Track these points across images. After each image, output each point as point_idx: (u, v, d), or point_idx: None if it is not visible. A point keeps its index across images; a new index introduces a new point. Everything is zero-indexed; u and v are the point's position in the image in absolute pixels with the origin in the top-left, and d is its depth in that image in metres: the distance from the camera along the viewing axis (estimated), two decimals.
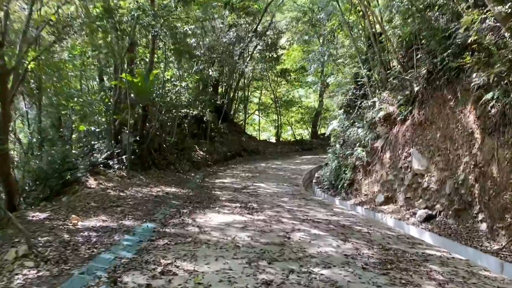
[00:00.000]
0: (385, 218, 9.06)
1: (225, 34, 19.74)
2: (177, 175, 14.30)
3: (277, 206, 9.39)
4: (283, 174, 17.13)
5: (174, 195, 9.94)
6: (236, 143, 24.09)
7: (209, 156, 19.38)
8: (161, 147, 15.04)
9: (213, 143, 21.30)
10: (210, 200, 9.63)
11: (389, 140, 10.87)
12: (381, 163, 10.78)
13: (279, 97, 32.33)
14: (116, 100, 13.45)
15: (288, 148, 28.24)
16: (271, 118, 35.45)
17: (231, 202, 9.50)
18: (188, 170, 15.66)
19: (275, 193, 11.71)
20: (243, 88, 29.71)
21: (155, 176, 13.01)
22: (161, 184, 11.76)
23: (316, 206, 9.78)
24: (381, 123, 11.47)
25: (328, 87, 31.12)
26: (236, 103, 29.50)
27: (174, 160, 15.41)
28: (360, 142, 12.22)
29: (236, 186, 12.88)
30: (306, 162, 21.75)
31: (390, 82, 12.83)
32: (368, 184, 10.97)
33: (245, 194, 11.18)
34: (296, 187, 13.91)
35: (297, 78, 30.83)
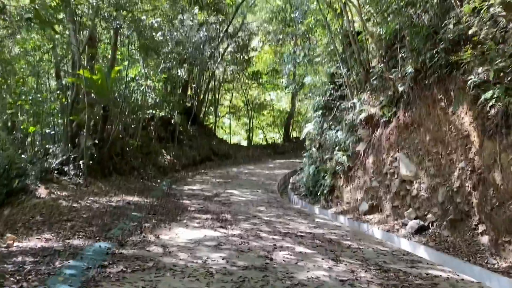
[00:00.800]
0: (371, 229, 8.27)
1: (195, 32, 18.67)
2: (141, 181, 13.08)
3: (253, 216, 8.43)
4: (256, 179, 16.20)
5: (136, 205, 8.80)
6: (206, 146, 22.98)
7: (177, 161, 18.19)
8: (123, 151, 13.79)
9: (182, 147, 20.12)
10: (177, 210, 8.56)
11: (372, 144, 10.14)
12: (364, 169, 10.03)
13: (251, 100, 31.46)
14: (73, 100, 12.13)
15: (260, 152, 27.37)
16: (242, 121, 34.53)
17: (201, 213, 8.46)
18: (154, 176, 14.45)
19: (250, 201, 10.74)
20: (214, 90, 28.65)
21: (116, 183, 11.76)
22: (122, 192, 10.54)
23: (296, 217, 8.88)
24: (362, 126, 10.75)
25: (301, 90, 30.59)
26: (206, 105, 28.39)
27: (138, 165, 14.18)
28: (339, 145, 11.46)
29: (206, 193, 11.82)
30: (280, 167, 20.93)
31: (370, 83, 12.21)
32: (350, 191, 10.20)
33: (216, 203, 10.15)
34: (271, 193, 13.00)
35: (269, 81, 30.05)
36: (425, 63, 8.50)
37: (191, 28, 17.75)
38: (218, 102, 29.60)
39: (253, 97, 32.18)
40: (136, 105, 14.50)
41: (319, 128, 15.53)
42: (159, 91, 17.86)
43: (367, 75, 12.37)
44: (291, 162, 23.35)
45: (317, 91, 15.79)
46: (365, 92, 12.00)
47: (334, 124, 12.99)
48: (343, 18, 13.20)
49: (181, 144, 20.45)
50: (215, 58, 25.49)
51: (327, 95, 13.26)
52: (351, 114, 11.15)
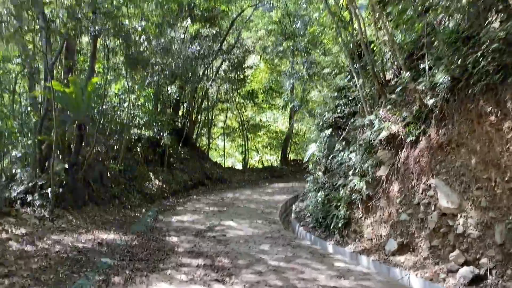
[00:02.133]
0: (407, 276, 6.53)
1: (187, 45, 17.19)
2: (122, 212, 11.24)
3: (256, 261, 6.66)
4: (255, 207, 14.40)
5: (109, 247, 6.99)
6: (199, 170, 21.20)
7: (166, 186, 16.37)
8: (103, 177, 11.99)
9: (172, 171, 18.33)
10: (160, 253, 6.76)
11: (396, 168, 8.49)
12: (388, 198, 8.35)
13: (246, 120, 29.90)
14: (43, 117, 10.41)
15: (256, 176, 25.59)
16: (237, 143, 32.86)
17: (191, 257, 6.67)
18: (138, 204, 12.61)
19: (251, 237, 8.95)
20: (207, 110, 27.07)
21: (91, 215, 9.93)
22: (96, 227, 8.72)
23: (309, 259, 7.12)
24: (383, 147, 9.12)
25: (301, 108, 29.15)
26: (199, 126, 26.74)
27: (120, 192, 12.36)
28: (354, 169, 9.81)
29: (198, 226, 10.01)
30: (279, 192, 19.15)
31: (385, 97, 10.70)
32: (372, 225, 8.47)
33: (210, 239, 8.36)
34: (273, 225, 11.21)
35: (265, 100, 28.57)
36: (466, 69, 6.99)
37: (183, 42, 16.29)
38: (212, 123, 27.99)
39: (248, 118, 30.64)
40: (119, 124, 12.79)
41: (325, 150, 13.93)
42: (147, 109, 16.21)
43: (382, 89, 10.87)
44: (291, 186, 21.60)
45: (323, 107, 14.26)
46: (382, 108, 10.47)
47: (343, 144, 11.38)
48: (352, 26, 11.80)
49: (171, 167, 18.68)
50: (209, 75, 24.05)
51: (337, 111, 11.67)
52: (368, 133, 9.54)
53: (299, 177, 26.44)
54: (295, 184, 22.49)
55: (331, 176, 12.42)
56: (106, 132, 12.62)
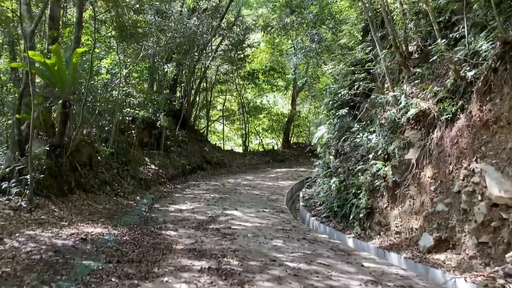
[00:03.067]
0: (452, 280, 5.42)
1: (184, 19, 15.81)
2: (114, 200, 10.09)
3: (271, 262, 5.53)
4: (259, 193, 13.28)
5: (94, 244, 5.84)
6: (198, 154, 20.03)
7: (162, 171, 15.20)
8: (92, 161, 10.79)
9: (169, 154, 17.15)
10: (155, 253, 5.62)
11: (428, 150, 7.33)
12: (419, 185, 7.21)
13: (246, 102, 28.59)
14: (22, 92, 9.14)
15: (257, 160, 24.46)
16: (236, 126, 31.62)
17: (192, 257, 5.54)
18: (132, 191, 11.45)
19: (259, 230, 7.83)
20: (206, 91, 25.75)
21: (78, 204, 8.76)
22: (82, 219, 7.57)
23: (332, 258, 6.00)
24: (411, 126, 7.95)
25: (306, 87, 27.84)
26: (197, 108, 25.45)
27: (112, 178, 11.18)
28: (375, 152, 8.65)
29: (199, 217, 8.88)
30: (283, 177, 18.05)
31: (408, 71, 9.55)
32: (400, 216, 7.34)
33: (214, 233, 7.22)
34: (282, 214, 10.10)
35: (266, 81, 27.23)
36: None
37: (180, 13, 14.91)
38: (210, 105, 26.68)
39: (249, 100, 29.32)
40: (110, 102, 11.54)
41: (335, 131, 12.76)
42: (141, 87, 14.92)
43: (405, 62, 9.68)
44: (294, 171, 20.52)
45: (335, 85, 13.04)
46: (405, 83, 9.27)
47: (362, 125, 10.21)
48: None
49: (169, 151, 17.50)
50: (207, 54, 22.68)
51: (354, 88, 10.44)
52: (393, 110, 8.35)
53: (302, 161, 25.35)
54: (298, 169, 21.40)
55: (345, 160, 11.27)
56: (96, 111, 11.36)
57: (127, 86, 13.33)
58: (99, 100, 10.94)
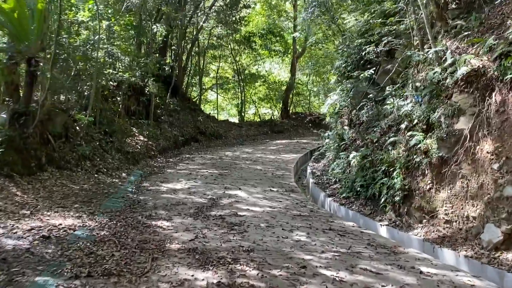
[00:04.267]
0: None
1: None
2: (95, 178, 8.51)
3: (301, 269, 4.08)
4: (262, 168, 11.79)
5: (59, 245, 4.32)
6: (191, 124, 18.38)
7: (152, 143, 13.59)
8: (69, 132, 9.14)
9: (159, 124, 15.49)
10: (142, 259, 4.11)
11: (485, 119, 5.83)
12: (474, 161, 5.74)
13: (242, 69, 26.67)
14: None
15: (255, 131, 22.89)
16: (231, 95, 29.77)
17: (193, 265, 4.06)
18: (118, 167, 9.88)
19: (273, 217, 6.36)
20: (198, 57, 23.78)
21: (48, 184, 7.18)
22: (51, 205, 6.01)
23: (377, 260, 4.56)
24: (459, 89, 6.41)
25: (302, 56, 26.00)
26: (189, 74, 23.56)
27: (93, 151, 9.55)
28: (410, 121, 7.14)
29: (197, 199, 7.38)
30: (285, 149, 16.55)
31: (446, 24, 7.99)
32: (450, 201, 5.90)
33: (217, 224, 5.73)
34: (293, 194, 8.64)
35: (264, 45, 25.26)
36: None
37: None
38: (203, 71, 24.76)
39: (245, 66, 27.39)
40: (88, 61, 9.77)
41: (349, 98, 11.20)
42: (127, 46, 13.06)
43: (442, 13, 8.06)
44: (296, 143, 19.03)
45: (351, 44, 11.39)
46: (444, 38, 7.67)
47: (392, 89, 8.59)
48: None
49: (159, 120, 15.82)
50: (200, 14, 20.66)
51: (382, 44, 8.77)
52: (436, 70, 6.77)
53: (302, 132, 23.88)
54: (300, 140, 19.93)
55: (364, 130, 9.77)
56: (72, 72, 9.61)
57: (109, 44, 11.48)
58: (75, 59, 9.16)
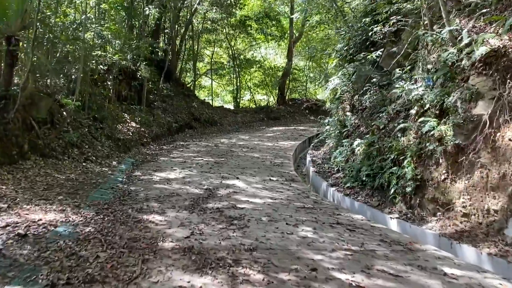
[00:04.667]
0: None
1: None
2: (83, 166, 7.97)
3: (311, 272, 3.62)
4: (260, 156, 11.30)
5: (36, 245, 3.82)
6: (185, 110, 17.79)
7: (145, 130, 13.02)
8: (55, 117, 8.55)
9: (152, 110, 14.89)
10: (131, 261, 3.62)
11: (507, 103, 5.34)
12: (494, 150, 5.27)
13: (237, 54, 25.96)
14: None
15: (251, 117, 22.35)
16: (226, 80, 29.08)
17: (189, 268, 3.57)
18: (108, 155, 9.33)
19: (275, 209, 5.88)
20: (192, 41, 23.05)
21: (31, 174, 6.64)
22: (32, 197, 5.48)
23: (393, 258, 4.10)
24: (477, 71, 5.91)
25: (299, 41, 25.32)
26: (183, 58, 22.87)
27: (81, 138, 8.98)
28: (421, 106, 6.65)
29: (193, 189, 6.87)
30: (282, 136, 16.06)
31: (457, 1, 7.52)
32: (468, 192, 5.44)
33: (216, 218, 5.24)
34: (294, 183, 8.17)
35: (260, 29, 24.55)
36: None
37: None
38: (198, 54, 24.03)
39: (240, 51, 26.67)
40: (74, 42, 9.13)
41: (350, 83, 10.70)
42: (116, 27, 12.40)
43: None
44: (293, 129, 18.53)
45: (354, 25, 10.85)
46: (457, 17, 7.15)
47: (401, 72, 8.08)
48: None
49: (152, 106, 15.23)
50: None
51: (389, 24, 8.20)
52: (451, 50, 6.25)
53: (299, 118, 23.37)
54: (297, 127, 19.43)
55: (368, 116, 9.29)
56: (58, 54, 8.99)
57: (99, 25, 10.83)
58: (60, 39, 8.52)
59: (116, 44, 13.19)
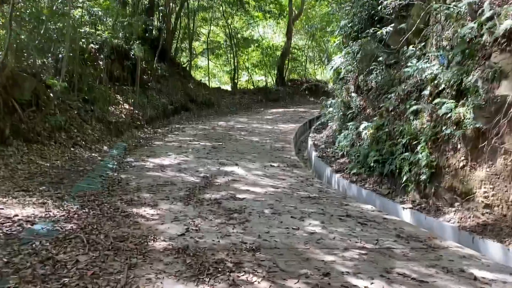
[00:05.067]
0: None
1: None
2: (71, 152, 7.44)
3: (323, 278, 3.15)
4: (259, 140, 10.79)
5: (7, 247, 3.31)
6: (181, 91, 17.16)
7: (139, 112, 12.44)
8: (40, 99, 7.96)
9: (146, 92, 14.26)
10: (116, 266, 3.13)
11: None
12: None
13: (234, 32, 25.11)
14: None
15: (248, 99, 21.74)
16: (222, 61, 28.29)
17: (183, 275, 3.09)
18: (98, 139, 8.78)
19: (278, 200, 5.40)
20: (188, 19, 22.20)
21: (12, 161, 6.10)
22: (10, 187, 4.98)
23: (414, 258, 3.65)
24: (500, 48, 5.35)
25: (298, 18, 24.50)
26: (179, 38, 22.07)
27: (70, 121, 8.42)
28: (435, 86, 6.11)
29: (189, 177, 6.38)
30: (282, 119, 15.51)
31: None
32: (490, 181, 4.96)
33: (213, 211, 4.76)
34: (296, 170, 7.68)
35: (258, 6, 23.67)
36: None
37: None
38: (194, 33, 23.21)
39: (237, 29, 25.80)
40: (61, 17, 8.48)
41: (355, 62, 10.13)
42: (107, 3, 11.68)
43: None
44: (293, 111, 17.96)
45: None
46: None
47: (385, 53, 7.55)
48: None
49: (146, 87, 14.56)
50: None
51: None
52: (470, 25, 5.69)
53: (298, 100, 22.76)
54: (297, 109, 18.86)
55: (375, 98, 8.75)
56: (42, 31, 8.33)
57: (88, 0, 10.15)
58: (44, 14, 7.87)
59: (108, 21, 12.49)
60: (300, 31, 25.07)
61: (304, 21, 24.49)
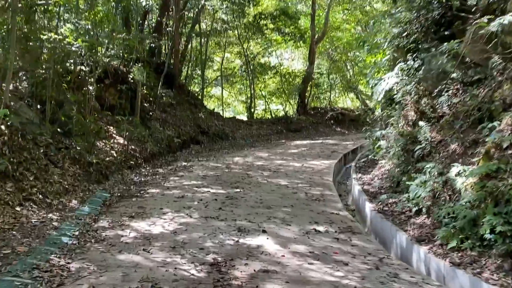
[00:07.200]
0: None
1: None
2: (15, 212, 4.91)
3: None
4: (288, 185, 8.13)
5: None
6: (191, 122, 14.76)
7: (136, 148, 9.98)
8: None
9: (148, 122, 11.87)
10: None
11: None
12: None
13: (251, 57, 22.96)
14: None
15: (267, 129, 19.23)
16: (237, 88, 26.09)
17: None
18: (69, 188, 6.24)
19: None
20: (200, 42, 20.17)
21: None
22: None
23: None
24: None
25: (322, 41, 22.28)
26: (190, 63, 19.99)
27: (27, 165, 5.92)
28: None
29: (184, 266, 3.75)
30: (309, 153, 12.88)
31: None
32: None
33: None
34: (356, 239, 4.97)
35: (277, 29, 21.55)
36: None
37: None
38: (207, 58, 21.11)
39: (254, 54, 23.67)
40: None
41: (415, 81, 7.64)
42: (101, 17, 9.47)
43: None
44: (320, 144, 15.33)
45: None
46: None
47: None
48: None
49: (147, 117, 12.20)
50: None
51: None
52: None
53: (323, 130, 20.16)
54: (325, 141, 16.21)
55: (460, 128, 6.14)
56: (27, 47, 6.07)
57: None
58: None
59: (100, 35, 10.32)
60: (322, 53, 22.80)
61: (328, 42, 22.27)
